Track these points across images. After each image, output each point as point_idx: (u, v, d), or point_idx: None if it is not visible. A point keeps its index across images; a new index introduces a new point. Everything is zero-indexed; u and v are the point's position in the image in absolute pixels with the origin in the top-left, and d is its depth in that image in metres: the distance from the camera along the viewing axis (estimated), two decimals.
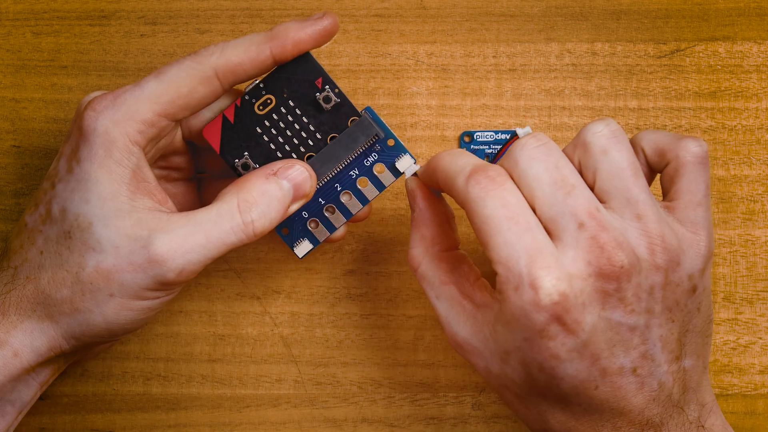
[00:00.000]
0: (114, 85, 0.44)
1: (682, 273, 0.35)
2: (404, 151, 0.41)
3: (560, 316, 0.34)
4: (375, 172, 0.41)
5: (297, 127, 0.41)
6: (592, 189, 0.36)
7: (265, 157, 0.41)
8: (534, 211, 0.35)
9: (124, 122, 0.36)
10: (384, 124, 0.41)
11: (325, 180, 0.41)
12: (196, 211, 0.37)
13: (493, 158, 0.43)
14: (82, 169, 0.35)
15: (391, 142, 0.41)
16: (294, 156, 0.41)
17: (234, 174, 0.41)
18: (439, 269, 0.38)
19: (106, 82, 0.44)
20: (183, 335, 0.44)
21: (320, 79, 0.40)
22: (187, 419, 0.43)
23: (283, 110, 0.41)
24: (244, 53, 0.37)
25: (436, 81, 0.44)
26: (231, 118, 0.41)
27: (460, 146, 0.43)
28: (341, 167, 0.41)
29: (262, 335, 0.43)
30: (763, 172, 0.43)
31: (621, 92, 0.44)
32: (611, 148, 0.36)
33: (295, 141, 0.41)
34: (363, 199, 0.41)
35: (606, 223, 0.34)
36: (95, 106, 0.36)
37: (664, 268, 0.35)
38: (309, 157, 0.41)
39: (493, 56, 0.44)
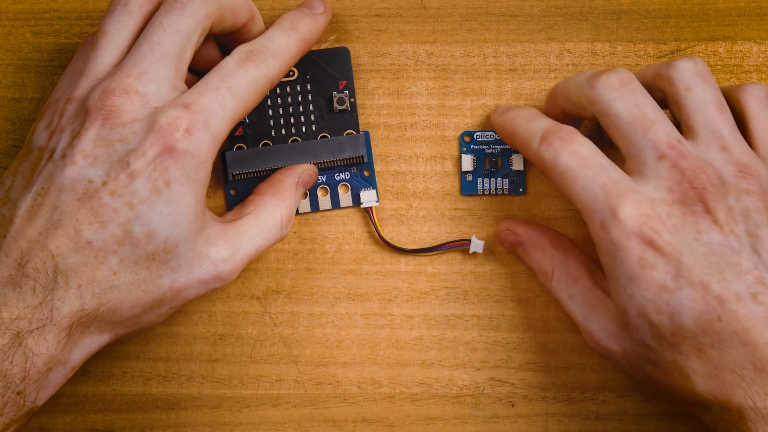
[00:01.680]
0: None
1: None
2: (374, 186, 0.42)
3: (651, 239, 0.34)
4: (338, 189, 0.42)
5: (300, 109, 0.42)
6: (676, 125, 0.36)
7: (258, 118, 0.42)
8: (620, 149, 0.36)
9: (213, 143, 0.36)
10: (371, 154, 0.42)
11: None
12: (243, 221, 0.39)
13: (491, 159, 0.43)
14: (173, 192, 0.35)
15: (367, 172, 0.43)
16: (282, 132, 0.42)
17: None
18: (569, 267, 0.39)
19: None
20: (183, 335, 0.44)
21: (345, 82, 0.42)
22: (186, 419, 0.43)
23: (298, 88, 0.42)
24: (296, 55, 0.39)
25: (436, 81, 0.44)
26: None
27: (460, 146, 0.43)
28: (315, 165, 0.42)
29: (262, 335, 0.43)
30: None
31: None
32: (695, 85, 0.36)
33: (291, 120, 0.42)
34: (315, 205, 0.42)
35: (687, 151, 0.35)
36: (190, 128, 0.35)
37: (757, 192, 0.34)
38: (293, 141, 0.42)
39: (493, 56, 0.44)
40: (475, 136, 0.43)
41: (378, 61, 0.44)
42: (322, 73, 0.42)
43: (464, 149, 0.43)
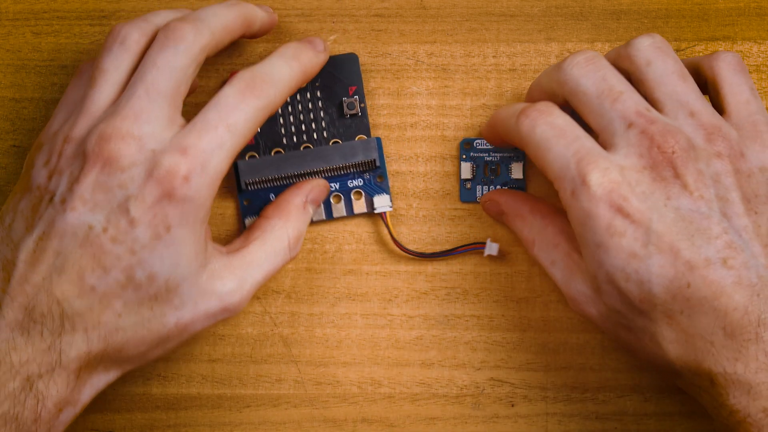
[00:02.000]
0: None
1: (750, 164, 0.35)
2: (387, 192, 0.42)
3: (620, 206, 0.34)
4: (352, 196, 0.42)
5: (311, 116, 0.42)
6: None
7: (269, 126, 0.42)
8: (590, 125, 0.36)
9: (213, 184, 0.35)
10: (383, 159, 0.43)
11: (307, 173, 0.42)
12: (250, 248, 0.39)
13: (491, 167, 0.43)
14: (173, 236, 0.35)
15: (380, 178, 0.43)
16: (294, 140, 0.42)
17: None
18: (548, 234, 0.39)
19: None
20: None
21: (355, 87, 0.42)
22: (186, 419, 0.43)
23: (308, 95, 0.42)
24: (295, 86, 0.39)
25: (436, 81, 0.44)
26: None
27: (460, 153, 0.43)
28: (328, 171, 0.42)
29: (262, 335, 0.43)
30: None
31: None
32: (655, 58, 0.37)
33: (303, 127, 0.43)
34: (329, 213, 0.42)
35: (655, 118, 0.35)
36: (188, 175, 0.35)
37: (727, 155, 0.35)
38: (305, 148, 0.42)
39: (493, 56, 0.44)
40: (474, 144, 0.43)
41: (378, 61, 0.44)
42: (332, 79, 0.43)
43: (463, 156, 0.43)
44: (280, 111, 0.43)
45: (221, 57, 0.44)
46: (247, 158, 0.43)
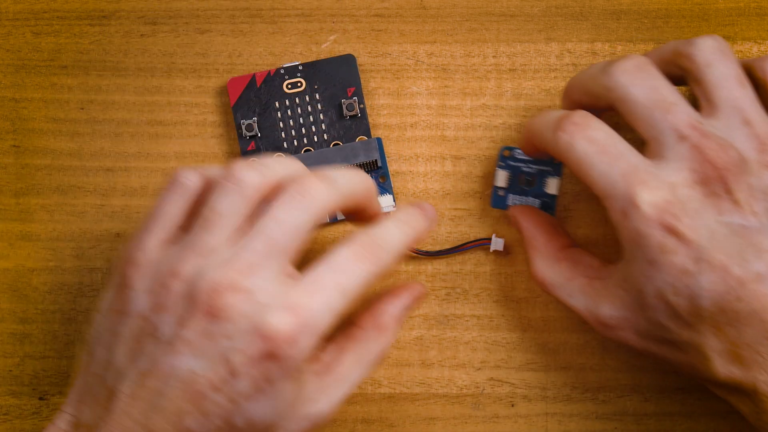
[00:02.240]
0: (114, 86, 0.44)
1: None
2: (390, 192, 0.42)
3: (672, 225, 0.34)
4: None
5: (311, 119, 0.42)
6: (695, 105, 0.36)
7: (269, 131, 0.42)
8: (639, 133, 0.36)
9: (317, 342, 0.34)
10: (385, 159, 0.42)
11: None
12: (343, 363, 0.38)
13: (527, 178, 0.42)
14: (276, 388, 0.34)
15: (383, 179, 0.43)
16: (294, 143, 0.42)
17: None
18: (562, 268, 0.39)
19: (106, 82, 0.44)
20: None
21: (353, 88, 0.42)
22: None
23: (307, 98, 0.42)
24: (405, 251, 0.38)
25: (436, 81, 0.44)
26: (258, 82, 0.42)
27: (499, 161, 0.42)
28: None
29: None
30: None
31: None
32: (716, 61, 0.36)
33: (303, 131, 0.42)
34: (332, 216, 0.42)
35: (708, 131, 0.35)
36: (295, 336, 0.34)
37: None
38: (306, 151, 0.42)
39: (493, 56, 0.44)
40: (515, 153, 0.42)
41: (378, 61, 0.44)
42: (330, 81, 0.43)
43: (501, 164, 0.42)
44: (279, 115, 0.43)
45: (221, 57, 0.44)
46: None
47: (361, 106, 0.43)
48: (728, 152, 0.34)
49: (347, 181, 0.37)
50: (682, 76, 0.38)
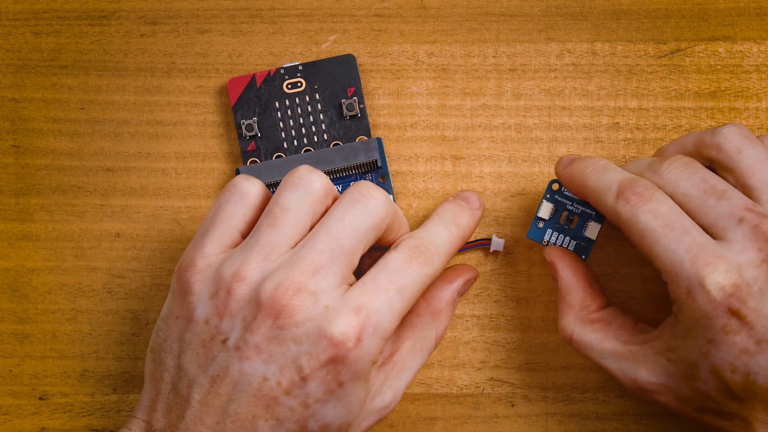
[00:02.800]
0: (114, 86, 0.44)
1: None
2: (390, 191, 0.42)
3: (737, 309, 0.34)
4: None
5: (311, 119, 0.42)
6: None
7: (269, 131, 0.42)
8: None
9: (382, 344, 0.35)
10: (385, 159, 0.42)
11: None
12: (401, 352, 0.39)
13: (569, 216, 0.41)
14: (346, 390, 0.35)
15: (383, 179, 0.43)
16: (294, 143, 0.42)
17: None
18: (594, 331, 0.39)
19: (106, 82, 0.44)
20: None
21: (353, 88, 0.42)
22: None
23: (307, 98, 0.42)
24: (456, 248, 0.39)
25: (436, 81, 0.44)
26: (258, 82, 0.42)
27: (546, 192, 0.41)
28: (330, 174, 0.42)
29: None
30: None
31: (621, 92, 0.44)
32: (745, 146, 0.37)
33: (303, 131, 0.43)
34: None
35: (764, 212, 0.35)
36: (360, 336, 0.34)
37: None
38: (306, 151, 0.42)
39: (493, 56, 0.44)
40: (563, 189, 0.41)
41: (378, 61, 0.44)
42: (330, 81, 0.43)
43: (548, 196, 0.41)
44: (279, 115, 0.43)
45: (221, 57, 0.44)
46: (248, 163, 0.43)
47: (361, 106, 0.43)
48: None
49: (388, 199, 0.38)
50: (708, 166, 0.38)
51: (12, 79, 0.44)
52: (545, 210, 0.41)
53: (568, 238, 0.41)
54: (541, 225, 0.41)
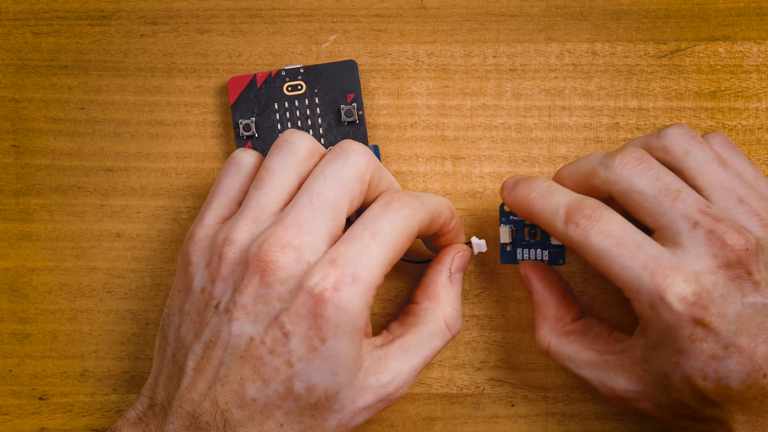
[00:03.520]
0: (114, 86, 0.44)
1: None
2: None
3: (701, 317, 0.34)
4: None
5: (309, 123, 0.42)
6: None
7: (267, 132, 0.42)
8: (646, 223, 0.36)
9: (364, 295, 0.35)
10: None
11: None
12: (405, 336, 0.39)
13: (531, 231, 0.41)
14: (329, 347, 0.35)
15: None
16: None
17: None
18: (569, 342, 0.39)
19: (106, 82, 0.44)
20: None
21: (353, 95, 0.42)
22: None
23: (306, 102, 0.42)
24: (441, 214, 0.39)
25: (436, 81, 0.44)
26: (259, 83, 0.42)
27: (500, 216, 0.41)
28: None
29: None
30: (764, 172, 0.44)
31: (621, 92, 0.44)
32: (693, 147, 0.37)
33: None
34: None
35: (718, 215, 0.35)
36: (337, 285, 0.34)
37: None
38: None
39: (493, 56, 0.44)
40: None
41: (378, 61, 0.44)
42: (330, 86, 0.43)
43: (503, 219, 0.41)
44: (278, 116, 0.43)
45: (221, 57, 0.44)
46: None
47: (360, 113, 0.42)
48: (744, 234, 0.35)
49: (372, 156, 0.38)
50: None
51: (12, 79, 0.44)
52: (505, 235, 0.41)
53: (539, 249, 0.41)
54: (509, 248, 0.41)
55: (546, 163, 0.44)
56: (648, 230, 0.36)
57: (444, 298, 0.40)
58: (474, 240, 0.41)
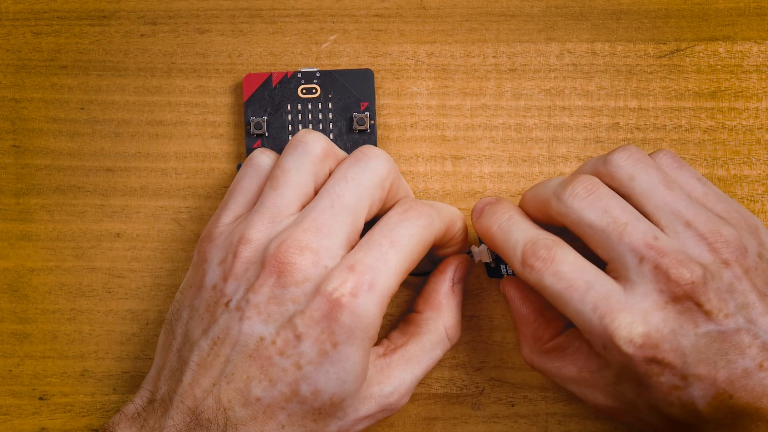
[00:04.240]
0: (114, 86, 0.44)
1: (753, 255, 0.36)
2: None
3: (653, 355, 0.34)
4: None
5: (320, 127, 0.42)
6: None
7: (277, 132, 0.42)
8: (599, 255, 0.36)
9: (380, 303, 0.35)
10: None
11: None
12: (407, 347, 0.39)
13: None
14: (340, 352, 0.35)
15: None
16: None
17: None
18: (550, 359, 0.39)
19: (106, 82, 0.44)
20: None
21: (366, 103, 0.42)
22: None
23: (320, 106, 0.42)
24: (456, 223, 0.39)
25: (436, 81, 0.44)
26: (274, 82, 0.42)
27: (479, 238, 0.41)
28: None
29: None
30: (763, 172, 0.44)
31: (621, 92, 0.44)
32: (638, 172, 0.37)
33: None
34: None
35: (663, 248, 0.35)
36: (354, 291, 0.34)
37: (734, 260, 0.35)
38: None
39: (493, 56, 0.44)
40: None
41: (378, 61, 0.44)
42: (345, 92, 0.43)
43: (480, 239, 0.41)
44: (289, 117, 0.42)
45: (221, 57, 0.44)
46: None
47: (372, 122, 0.42)
48: (689, 267, 0.34)
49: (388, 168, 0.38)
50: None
51: (12, 79, 0.44)
52: (485, 254, 0.41)
53: None
54: (493, 265, 0.41)
55: (546, 163, 0.44)
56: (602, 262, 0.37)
57: (446, 308, 0.40)
58: (474, 249, 0.41)
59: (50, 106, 0.44)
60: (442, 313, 0.40)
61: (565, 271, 0.36)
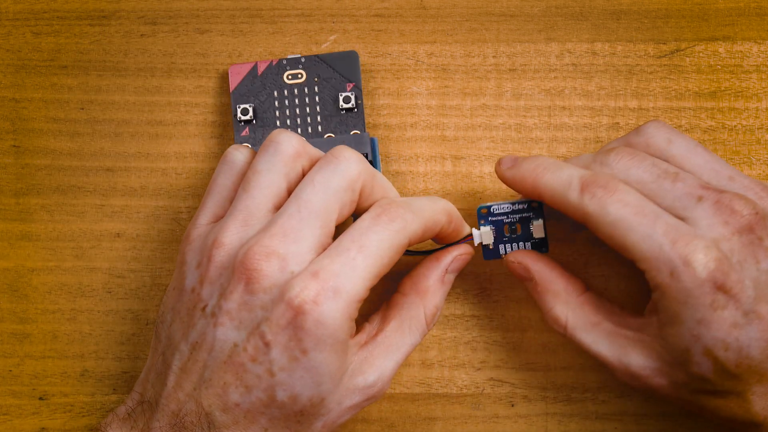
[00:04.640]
0: (114, 86, 0.44)
1: None
2: None
3: (722, 283, 0.34)
4: None
5: (308, 110, 0.42)
6: None
7: (265, 118, 0.42)
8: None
9: (346, 309, 0.35)
10: (378, 158, 0.42)
11: None
12: (387, 332, 0.38)
13: (511, 227, 0.41)
14: (311, 359, 0.34)
15: None
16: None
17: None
18: (585, 313, 0.39)
19: (106, 82, 0.44)
20: None
21: (352, 84, 0.42)
22: None
23: (306, 90, 0.42)
24: (438, 222, 0.38)
25: (436, 81, 0.44)
26: (260, 71, 0.43)
27: (478, 219, 0.41)
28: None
29: None
30: (763, 172, 0.44)
31: (621, 92, 0.44)
32: (674, 136, 0.38)
33: (298, 121, 0.43)
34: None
35: (720, 188, 0.36)
36: (317, 299, 0.34)
37: None
38: None
39: (493, 56, 0.44)
40: (492, 209, 0.41)
41: (378, 61, 0.44)
42: (331, 75, 0.43)
43: (482, 222, 0.41)
44: (276, 104, 0.43)
45: (221, 56, 0.44)
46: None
47: (359, 101, 0.42)
48: (747, 202, 0.35)
49: (367, 166, 0.37)
50: None
51: (12, 79, 0.44)
52: (487, 236, 0.40)
53: (521, 243, 0.41)
54: (491, 247, 0.41)
55: None
56: None
57: (431, 295, 0.40)
58: (474, 231, 0.41)
59: (50, 106, 0.44)
60: (426, 300, 0.39)
61: (633, 200, 0.36)
